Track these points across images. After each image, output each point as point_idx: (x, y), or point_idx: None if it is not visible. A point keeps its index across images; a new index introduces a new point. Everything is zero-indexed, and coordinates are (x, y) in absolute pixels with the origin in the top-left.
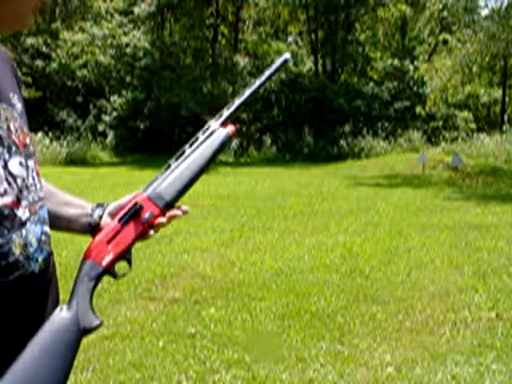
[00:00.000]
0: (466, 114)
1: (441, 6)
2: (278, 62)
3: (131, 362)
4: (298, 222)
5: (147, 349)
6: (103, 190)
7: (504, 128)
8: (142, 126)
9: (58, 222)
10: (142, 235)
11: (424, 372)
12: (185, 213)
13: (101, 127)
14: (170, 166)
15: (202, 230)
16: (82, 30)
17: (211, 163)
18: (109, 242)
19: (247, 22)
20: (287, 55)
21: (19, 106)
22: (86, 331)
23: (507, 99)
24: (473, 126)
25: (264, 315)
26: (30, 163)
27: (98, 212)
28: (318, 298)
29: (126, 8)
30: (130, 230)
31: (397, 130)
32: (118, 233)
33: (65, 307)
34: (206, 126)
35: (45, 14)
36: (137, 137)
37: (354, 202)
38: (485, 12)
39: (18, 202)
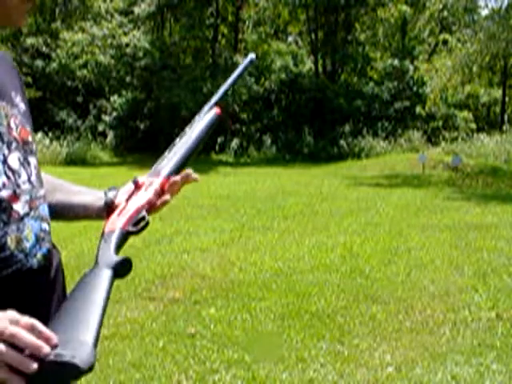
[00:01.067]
0: (465, 114)
1: (441, 6)
2: (245, 62)
3: (131, 362)
4: (297, 222)
5: (147, 349)
6: (103, 190)
7: (504, 128)
8: (141, 126)
9: (73, 211)
10: (150, 201)
11: (424, 372)
12: (187, 178)
13: (101, 127)
14: (169, 148)
15: (202, 230)
16: (82, 29)
17: (204, 139)
18: (119, 214)
19: (247, 22)
20: (252, 56)
21: (22, 105)
22: (115, 271)
23: (507, 99)
24: (473, 126)
25: (264, 315)
26: (32, 160)
27: (111, 192)
28: (317, 298)
29: (126, 8)
30: (137, 198)
31: (397, 130)
32: (125, 207)
33: (87, 270)
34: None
35: (45, 14)
36: (137, 137)
37: (354, 201)
38: (485, 12)
39: (16, 196)
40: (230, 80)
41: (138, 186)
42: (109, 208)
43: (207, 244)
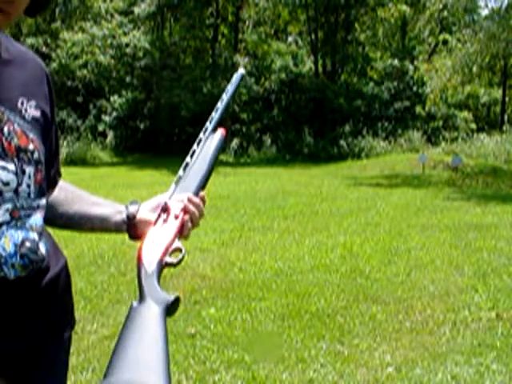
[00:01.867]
0: (466, 114)
1: (441, 6)
2: (235, 78)
3: None
4: (298, 222)
5: None
6: (103, 189)
7: (504, 128)
8: (141, 126)
9: (90, 223)
10: (181, 230)
11: (424, 372)
12: (203, 199)
13: (101, 127)
14: (180, 177)
15: (202, 230)
16: (82, 30)
17: (215, 162)
18: (153, 241)
19: (247, 22)
20: (242, 70)
21: (35, 113)
22: (168, 309)
23: (507, 99)
24: (473, 126)
25: (264, 315)
26: (29, 170)
27: (133, 207)
28: (318, 298)
29: (126, 8)
30: (169, 225)
31: (397, 130)
32: (157, 232)
33: (135, 303)
34: (198, 139)
35: (45, 14)
36: (137, 137)
37: (354, 202)
38: (485, 12)
39: None
40: (225, 98)
41: (164, 209)
42: (130, 222)
43: (207, 244)
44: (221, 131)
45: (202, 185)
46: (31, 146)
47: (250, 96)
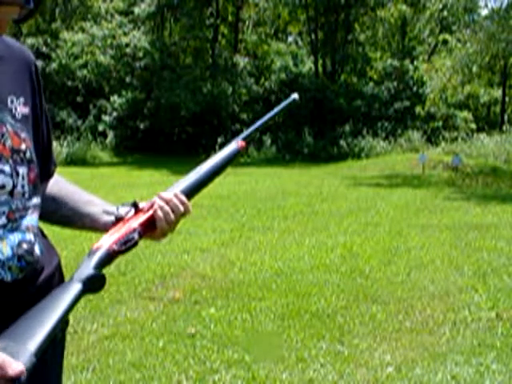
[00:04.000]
0: (465, 114)
1: (441, 6)
2: (287, 100)
3: (131, 362)
4: (297, 222)
5: (147, 349)
6: (103, 190)
7: (504, 128)
8: (141, 126)
9: (81, 221)
10: (150, 222)
11: (424, 372)
12: (186, 201)
13: (101, 127)
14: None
15: (202, 230)
16: (82, 30)
17: (220, 169)
18: (112, 233)
19: (247, 22)
20: (295, 95)
21: (24, 110)
22: (85, 285)
23: (507, 99)
24: (473, 126)
25: (264, 315)
26: (22, 170)
27: (124, 208)
28: (317, 298)
29: (126, 8)
30: (134, 220)
31: (397, 130)
32: (120, 228)
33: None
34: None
35: (45, 13)
36: (137, 137)
37: (354, 202)
38: (485, 12)
39: None
40: (267, 116)
41: (135, 205)
42: (117, 223)
43: (207, 244)
44: (239, 142)
45: (193, 187)
46: (23, 146)
47: (250, 96)
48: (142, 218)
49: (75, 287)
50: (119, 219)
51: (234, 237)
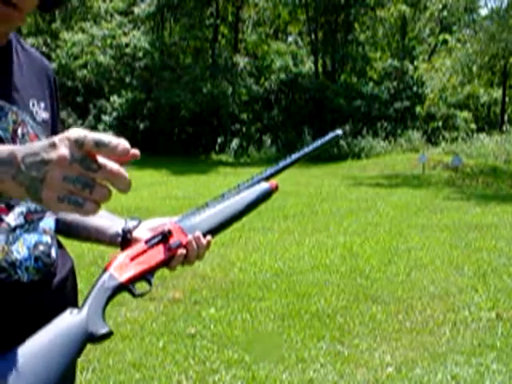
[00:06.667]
0: (465, 114)
1: (441, 6)
2: (330, 135)
3: (131, 362)
4: (297, 222)
5: (147, 349)
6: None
7: (504, 128)
8: (141, 126)
9: (87, 232)
10: (166, 262)
11: (424, 372)
12: (208, 244)
13: (101, 127)
14: (207, 204)
15: None
16: (82, 30)
17: (248, 211)
18: (132, 259)
19: (247, 22)
20: (339, 131)
21: (44, 115)
22: (92, 337)
23: (507, 99)
24: (473, 126)
25: (264, 315)
26: None
27: (132, 222)
28: (317, 298)
29: (126, 8)
30: (156, 253)
31: (397, 130)
32: (143, 253)
33: (75, 310)
34: (249, 178)
35: (45, 14)
36: (137, 137)
37: (354, 202)
38: (484, 11)
39: (7, 207)
40: (306, 150)
41: (165, 235)
42: (124, 236)
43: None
44: (274, 184)
45: (217, 227)
46: None
47: (250, 96)
48: (167, 254)
49: (81, 334)
50: (126, 233)
51: (234, 237)
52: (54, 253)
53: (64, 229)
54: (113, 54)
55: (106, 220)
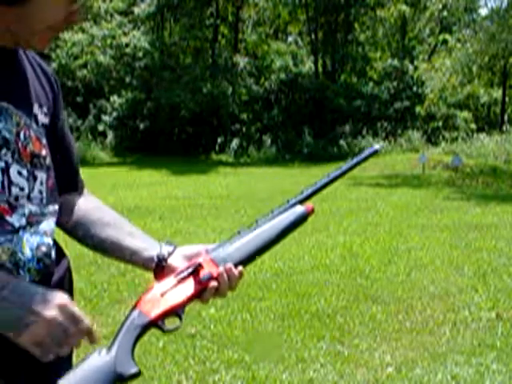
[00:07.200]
0: (465, 114)
1: (441, 6)
2: (367, 151)
3: None
4: None
5: (147, 349)
6: (103, 190)
7: (504, 128)
8: (141, 126)
9: (121, 252)
10: (197, 295)
11: (424, 372)
12: (240, 275)
13: (101, 127)
14: (240, 232)
15: (202, 230)
16: (82, 30)
17: (283, 237)
18: (162, 295)
19: (247, 22)
20: (377, 147)
21: (45, 119)
22: (122, 378)
23: (507, 99)
24: (473, 126)
25: (264, 315)
26: (40, 175)
27: (167, 248)
28: (318, 298)
29: (126, 8)
30: (186, 288)
31: (397, 130)
32: (173, 287)
33: (104, 349)
34: (285, 202)
35: None
36: (136, 137)
37: (354, 201)
38: (484, 11)
39: (10, 208)
40: (344, 168)
41: (195, 268)
42: (159, 263)
43: (207, 244)
44: (310, 207)
45: (249, 257)
46: (44, 152)
47: (250, 96)
48: (197, 288)
49: (111, 376)
50: (161, 259)
51: None
52: (53, 254)
53: (96, 245)
54: (113, 54)
55: (140, 241)
